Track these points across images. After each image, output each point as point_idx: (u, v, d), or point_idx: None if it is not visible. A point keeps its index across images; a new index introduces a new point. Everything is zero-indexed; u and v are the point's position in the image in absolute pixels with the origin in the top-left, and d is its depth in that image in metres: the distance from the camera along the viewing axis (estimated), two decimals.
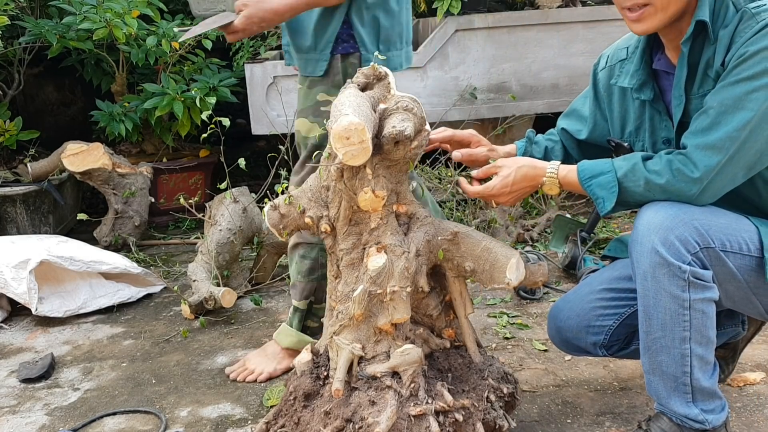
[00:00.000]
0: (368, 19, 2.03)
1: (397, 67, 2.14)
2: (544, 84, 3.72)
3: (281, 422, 1.66)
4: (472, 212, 3.47)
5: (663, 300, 1.52)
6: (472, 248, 1.62)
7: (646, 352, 1.60)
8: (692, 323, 1.53)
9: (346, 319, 1.58)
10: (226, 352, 2.46)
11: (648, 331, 1.58)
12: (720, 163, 1.49)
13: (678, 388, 1.58)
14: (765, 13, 1.46)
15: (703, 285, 1.51)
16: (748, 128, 1.46)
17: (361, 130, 1.37)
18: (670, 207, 1.53)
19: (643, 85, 1.68)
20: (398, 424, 1.50)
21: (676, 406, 1.59)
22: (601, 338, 1.84)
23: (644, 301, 1.56)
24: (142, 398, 2.16)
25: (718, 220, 1.54)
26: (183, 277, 3.16)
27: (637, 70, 1.69)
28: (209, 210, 3.07)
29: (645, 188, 1.55)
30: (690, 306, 1.51)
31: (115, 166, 3.51)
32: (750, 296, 1.60)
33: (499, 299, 2.78)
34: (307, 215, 1.65)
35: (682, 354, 1.55)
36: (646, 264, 1.53)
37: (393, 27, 2.08)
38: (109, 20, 3.60)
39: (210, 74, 4.04)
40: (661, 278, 1.51)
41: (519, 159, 1.70)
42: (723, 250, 1.52)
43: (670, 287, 1.51)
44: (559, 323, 1.90)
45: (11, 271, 2.70)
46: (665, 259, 1.49)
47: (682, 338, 1.54)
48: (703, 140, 1.49)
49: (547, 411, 1.95)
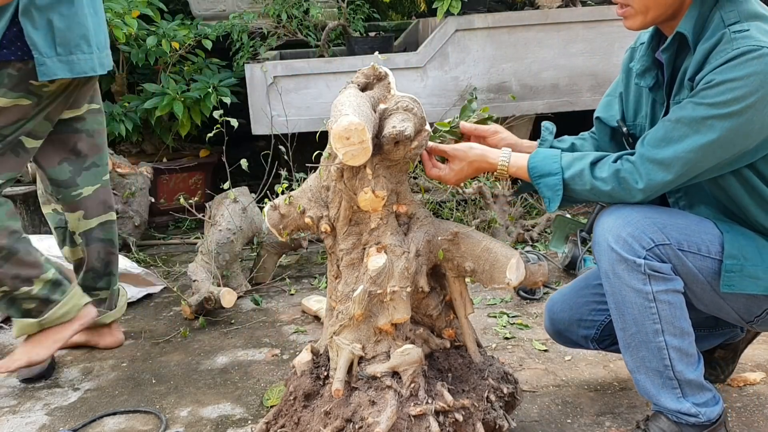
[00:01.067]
0: (41, 22, 2.01)
1: (87, 71, 2.13)
2: (544, 84, 3.72)
3: (281, 422, 1.66)
4: (472, 212, 3.47)
5: (628, 295, 1.55)
6: (472, 248, 1.62)
7: (627, 349, 1.61)
8: (661, 315, 1.54)
9: (346, 319, 1.58)
10: (227, 352, 2.46)
11: (623, 328, 1.59)
12: (664, 180, 1.51)
13: (665, 383, 1.59)
14: (742, 41, 1.43)
15: (663, 277, 1.53)
16: (699, 152, 1.48)
17: (361, 130, 1.37)
18: (628, 209, 1.56)
19: (646, 71, 1.69)
20: (398, 424, 1.50)
21: (667, 402, 1.60)
22: (593, 332, 1.87)
23: (613, 299, 1.59)
24: (142, 398, 2.16)
25: (676, 220, 1.56)
26: (183, 277, 3.16)
27: (642, 56, 1.70)
28: (209, 210, 3.08)
29: (590, 192, 1.58)
30: (654, 298, 1.53)
31: (115, 166, 3.51)
32: (717, 300, 1.60)
33: (499, 299, 2.78)
34: (307, 215, 1.65)
35: (659, 347, 1.56)
36: (605, 262, 1.56)
37: (71, 29, 2.06)
38: (109, 20, 3.60)
39: (210, 74, 4.04)
40: (622, 274, 1.54)
41: (472, 151, 1.67)
42: (680, 249, 1.53)
43: (632, 282, 1.53)
44: (552, 315, 1.94)
45: None
46: (620, 255, 1.52)
47: (654, 331, 1.55)
48: (653, 153, 1.51)
49: (547, 411, 1.95)
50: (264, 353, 2.43)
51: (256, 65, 3.58)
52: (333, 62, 3.62)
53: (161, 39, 3.85)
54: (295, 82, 3.56)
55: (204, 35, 4.03)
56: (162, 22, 3.98)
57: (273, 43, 4.04)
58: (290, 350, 2.44)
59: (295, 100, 3.49)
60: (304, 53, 4.08)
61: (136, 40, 3.91)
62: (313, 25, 4.12)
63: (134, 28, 3.69)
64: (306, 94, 3.51)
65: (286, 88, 3.56)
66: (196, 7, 4.58)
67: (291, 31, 4.08)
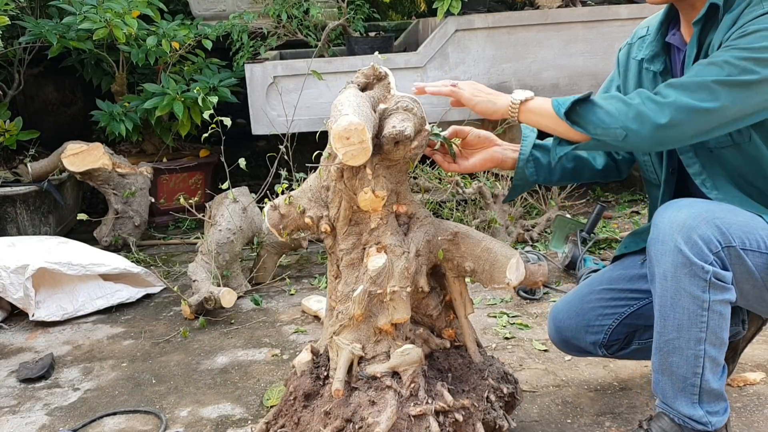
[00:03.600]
0: None
1: None
2: (544, 84, 3.72)
3: (281, 422, 1.66)
4: (472, 212, 3.47)
5: (682, 300, 1.50)
6: (472, 248, 1.62)
7: (657, 351, 1.58)
8: (709, 325, 1.51)
9: (346, 319, 1.58)
10: (226, 352, 2.46)
11: (662, 331, 1.56)
12: (691, 105, 1.45)
13: (686, 388, 1.57)
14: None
15: (722, 286, 1.50)
16: (725, 86, 1.44)
17: (361, 130, 1.37)
18: (692, 205, 1.52)
19: (655, 57, 1.70)
20: (398, 424, 1.50)
21: (682, 407, 1.58)
22: (601, 337, 1.84)
23: (661, 302, 1.54)
24: (142, 398, 2.16)
25: (737, 218, 1.53)
26: (183, 277, 3.16)
27: (651, 42, 1.71)
28: (209, 210, 3.08)
29: (615, 112, 1.50)
30: (709, 307, 1.50)
31: (115, 166, 3.51)
32: (764, 294, 1.59)
33: (499, 299, 2.78)
34: (307, 215, 1.65)
35: (696, 355, 1.53)
36: (667, 263, 1.50)
37: None
38: (109, 20, 3.60)
39: (210, 74, 4.04)
40: (682, 278, 1.49)
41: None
42: (743, 248, 1.51)
43: (691, 287, 1.49)
44: (558, 323, 1.90)
45: (9, 276, 2.70)
46: (688, 258, 1.47)
47: (697, 339, 1.52)
48: (681, 81, 1.48)
49: (547, 411, 1.95)
50: (264, 353, 2.43)
51: (256, 65, 3.58)
52: (333, 62, 3.62)
53: (161, 39, 3.85)
54: (295, 82, 3.56)
55: (204, 35, 4.03)
56: (162, 22, 3.98)
57: (273, 43, 4.05)
58: (290, 350, 2.44)
59: (295, 100, 3.49)
60: (304, 53, 4.08)
61: (136, 40, 3.91)
62: (313, 25, 4.13)
63: (134, 28, 3.69)
64: (306, 94, 3.51)
65: (286, 88, 3.56)
66: (196, 7, 4.58)
67: (291, 31, 4.08)
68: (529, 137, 1.78)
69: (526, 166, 1.75)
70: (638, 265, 1.84)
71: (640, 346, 1.89)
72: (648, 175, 1.85)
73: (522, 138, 1.79)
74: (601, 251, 3.21)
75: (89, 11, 3.64)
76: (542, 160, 1.78)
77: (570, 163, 1.83)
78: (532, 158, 1.76)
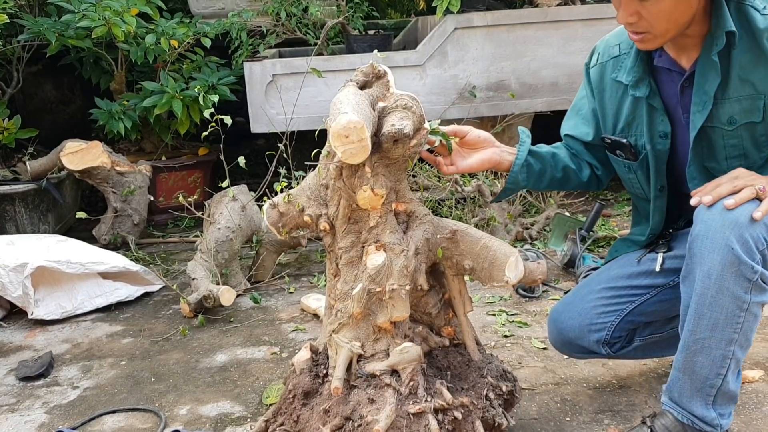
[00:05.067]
0: None
1: None
2: (543, 82, 3.71)
3: (280, 420, 1.66)
4: (471, 210, 3.47)
5: (723, 300, 1.48)
6: (471, 246, 1.62)
7: (684, 349, 1.56)
8: (743, 326, 1.50)
9: (345, 318, 1.58)
10: (226, 350, 2.46)
11: (693, 330, 1.53)
12: None
13: (703, 389, 1.56)
14: None
15: (763, 288, 1.48)
16: None
17: (360, 129, 1.37)
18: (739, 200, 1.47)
19: (639, 81, 1.69)
20: (397, 422, 1.50)
21: (695, 407, 1.57)
22: (603, 335, 1.84)
23: (700, 300, 1.50)
24: (142, 396, 2.16)
25: None
26: (182, 275, 3.16)
27: (632, 67, 1.69)
28: (208, 208, 3.08)
29: None
30: (747, 309, 1.48)
31: (114, 165, 3.51)
32: None
33: (498, 297, 2.78)
34: (306, 213, 1.65)
35: (724, 356, 1.52)
36: (715, 261, 1.46)
37: None
38: (107, 18, 3.60)
39: (209, 72, 4.03)
40: (728, 277, 1.45)
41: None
42: None
43: (735, 287, 1.46)
44: (560, 325, 1.90)
45: (8, 274, 2.70)
46: (739, 257, 1.44)
47: (729, 340, 1.51)
48: None
49: (546, 409, 1.95)
50: (263, 351, 2.43)
51: (255, 63, 3.58)
52: (332, 60, 3.62)
53: (160, 37, 3.84)
54: (294, 80, 3.55)
55: (203, 33, 4.02)
56: (161, 20, 3.98)
57: (272, 42, 4.04)
58: (289, 348, 2.44)
59: (294, 99, 3.49)
60: (303, 51, 4.08)
61: (135, 38, 3.91)
62: (312, 24, 4.12)
63: (133, 26, 3.68)
64: (305, 93, 3.50)
65: (285, 87, 3.55)
66: (195, 5, 4.58)
67: (290, 29, 4.08)
68: (526, 143, 1.80)
69: (520, 171, 1.77)
70: (635, 263, 1.85)
71: (642, 344, 1.89)
72: (634, 190, 1.85)
73: (519, 143, 1.80)
74: (600, 249, 3.22)
75: (88, 9, 3.64)
76: (534, 166, 1.80)
77: (559, 173, 1.84)
78: (526, 164, 1.78)
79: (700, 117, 1.61)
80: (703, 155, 1.66)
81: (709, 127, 1.61)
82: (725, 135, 1.61)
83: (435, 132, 1.67)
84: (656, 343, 1.93)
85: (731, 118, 1.59)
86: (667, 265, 1.78)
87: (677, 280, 1.76)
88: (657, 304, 1.82)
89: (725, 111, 1.59)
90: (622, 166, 1.81)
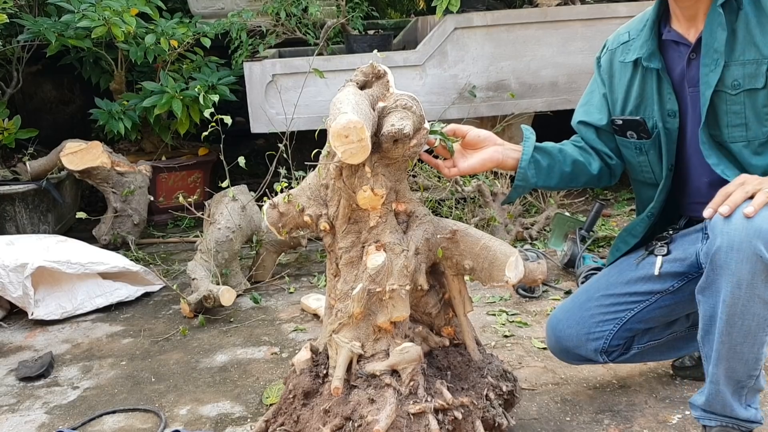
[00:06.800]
0: None
1: None
2: (543, 82, 3.71)
3: (280, 420, 1.66)
4: (471, 210, 3.47)
5: (754, 307, 1.45)
6: (471, 246, 1.62)
7: (720, 362, 1.53)
8: None
9: (345, 318, 1.58)
10: (226, 350, 2.46)
11: (726, 340, 1.51)
12: None
13: (737, 391, 1.56)
14: None
15: None
16: None
17: (360, 129, 1.37)
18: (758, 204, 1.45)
19: (652, 55, 1.71)
20: (397, 422, 1.50)
21: (739, 412, 1.58)
22: (601, 343, 1.84)
23: (731, 311, 1.47)
24: (142, 396, 2.16)
25: None
26: (182, 275, 3.16)
27: (646, 41, 1.72)
28: (208, 208, 3.07)
29: None
30: None
31: (114, 165, 3.51)
32: None
33: (498, 297, 2.78)
34: (306, 213, 1.65)
35: (757, 358, 1.52)
36: (744, 271, 1.43)
37: None
38: (107, 18, 3.60)
39: (209, 72, 4.03)
40: (758, 284, 1.43)
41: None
42: None
43: (765, 293, 1.44)
44: (558, 333, 1.89)
45: (8, 274, 2.70)
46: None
47: (762, 343, 1.50)
48: None
49: (546, 409, 1.95)
50: (263, 351, 2.43)
51: (255, 63, 3.58)
52: (332, 60, 3.62)
53: (160, 37, 3.84)
54: (294, 80, 3.55)
55: (203, 33, 4.02)
56: (161, 20, 3.98)
57: (272, 42, 4.04)
58: (289, 348, 2.44)
59: (293, 99, 3.49)
60: (303, 51, 4.08)
61: (134, 38, 3.91)
62: (312, 24, 4.12)
63: (133, 26, 3.68)
64: (305, 93, 3.50)
65: (285, 87, 3.56)
66: (195, 5, 4.58)
67: (290, 29, 4.08)
68: (530, 139, 1.78)
69: (528, 167, 1.74)
70: (633, 267, 1.84)
71: (640, 350, 1.89)
72: (643, 176, 1.84)
73: (524, 139, 1.78)
74: (600, 249, 3.22)
75: (88, 9, 3.64)
76: (542, 162, 1.77)
77: (568, 168, 1.82)
78: (533, 160, 1.76)
79: (714, 76, 1.62)
80: (708, 121, 1.66)
81: (714, 92, 1.62)
82: (728, 100, 1.62)
83: (435, 132, 1.66)
84: (655, 348, 1.92)
85: (735, 82, 1.60)
86: (665, 269, 1.76)
87: (676, 286, 1.76)
88: (656, 310, 1.81)
89: (731, 74, 1.60)
90: (633, 148, 1.80)
